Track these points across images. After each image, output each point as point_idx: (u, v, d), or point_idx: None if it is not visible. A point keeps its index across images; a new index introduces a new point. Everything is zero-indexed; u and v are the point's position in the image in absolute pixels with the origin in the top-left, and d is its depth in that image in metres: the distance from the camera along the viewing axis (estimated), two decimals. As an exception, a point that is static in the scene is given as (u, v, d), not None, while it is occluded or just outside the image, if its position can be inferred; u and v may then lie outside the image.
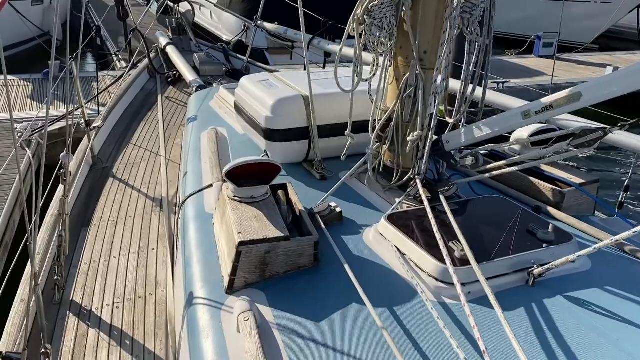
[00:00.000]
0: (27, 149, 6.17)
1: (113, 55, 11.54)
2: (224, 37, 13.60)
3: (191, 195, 2.99)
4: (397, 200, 2.62)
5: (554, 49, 14.17)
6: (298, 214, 2.48)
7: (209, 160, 3.25)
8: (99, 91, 6.82)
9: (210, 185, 3.01)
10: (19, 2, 12.73)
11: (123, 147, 4.60)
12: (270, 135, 3.07)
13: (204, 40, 7.95)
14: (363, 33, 2.53)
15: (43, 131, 6.08)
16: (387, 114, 2.65)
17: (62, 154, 2.59)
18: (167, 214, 3.67)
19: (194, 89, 5.54)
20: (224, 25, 13.88)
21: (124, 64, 10.89)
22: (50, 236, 3.12)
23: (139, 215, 3.61)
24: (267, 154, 3.17)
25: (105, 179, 4.11)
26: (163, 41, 6.86)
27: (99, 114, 6.89)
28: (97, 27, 5.21)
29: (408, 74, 2.54)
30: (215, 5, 11.28)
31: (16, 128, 6.73)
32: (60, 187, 2.78)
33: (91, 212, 3.63)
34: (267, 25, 6.75)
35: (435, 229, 2.14)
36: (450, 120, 2.63)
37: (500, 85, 9.66)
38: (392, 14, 2.46)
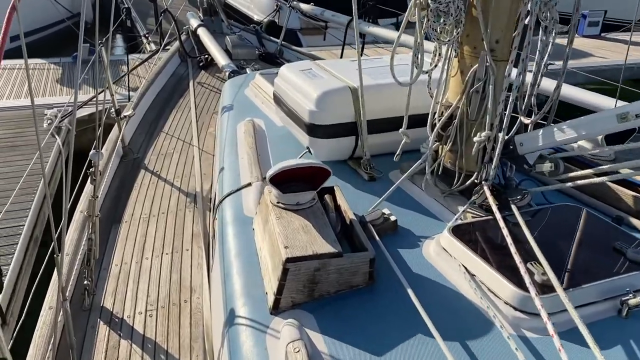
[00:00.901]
0: (56, 136, 6.04)
1: (143, 38, 11.36)
2: (255, 17, 13.30)
3: (229, 194, 2.76)
4: (460, 208, 2.33)
5: (599, 27, 13.47)
6: (348, 223, 2.22)
7: (246, 156, 3.01)
8: (129, 71, 6.62)
9: (249, 184, 2.77)
10: (49, -17, 12.62)
11: (154, 137, 4.40)
12: (314, 130, 2.81)
13: (234, 20, 7.66)
14: (425, 19, 2.23)
15: (71, 118, 5.91)
16: (449, 110, 2.36)
17: (91, 152, 2.37)
18: (202, 211, 3.46)
19: (227, 74, 5.30)
20: (255, 4, 13.57)
21: (153, 46, 10.70)
22: (80, 236, 2.94)
23: (172, 212, 3.41)
24: (309, 151, 2.91)
25: (136, 171, 3.92)
26: (194, 23, 6.61)
27: (129, 99, 6.73)
28: (127, 9, 4.99)
29: (476, 65, 2.23)
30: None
31: (45, 114, 6.62)
32: (90, 187, 2.59)
33: (122, 208, 3.44)
34: (303, 5, 6.44)
35: (511, 247, 1.86)
36: (528, 121, 2.31)
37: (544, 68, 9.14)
38: (460, -3, 2.15)
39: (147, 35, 11.58)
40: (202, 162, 4.02)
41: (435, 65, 2.37)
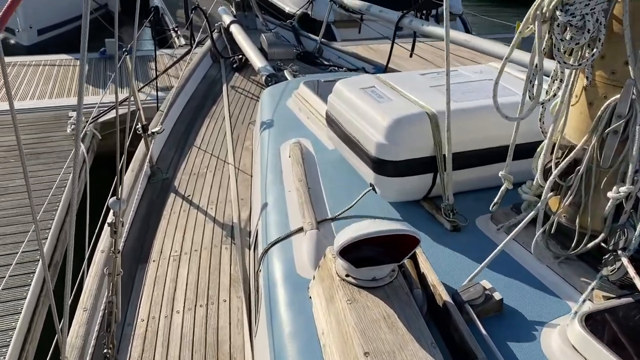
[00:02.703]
0: (80, 143, 5.63)
1: (172, 31, 10.90)
2: (287, 9, 12.74)
3: (276, 242, 2.27)
4: (584, 281, 1.79)
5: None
6: (439, 303, 1.71)
7: (295, 192, 2.51)
8: (157, 76, 6.17)
9: (300, 229, 2.27)
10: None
11: (185, 152, 3.92)
12: (382, 167, 2.28)
13: (264, 12, 7.09)
14: (548, 34, 1.68)
15: (95, 124, 5.42)
16: (572, 153, 1.80)
17: (110, 200, 1.90)
18: (240, 247, 2.98)
19: (264, 77, 4.80)
20: None
21: (182, 41, 10.24)
22: (100, 284, 2.49)
23: (206, 248, 2.94)
24: (373, 188, 2.38)
25: (165, 195, 3.46)
26: (227, 19, 6.11)
27: (157, 101, 6.28)
28: (155, 8, 4.52)
29: (615, 97, 1.67)
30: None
31: (70, 117, 6.22)
32: (109, 241, 2.14)
33: (149, 243, 2.98)
34: (346, 0, 5.87)
35: None
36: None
37: None
38: (602, 7, 1.59)
39: (176, 28, 11.12)
40: (238, 183, 3.53)
41: (554, 95, 1.82)
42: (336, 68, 5.69)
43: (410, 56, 5.74)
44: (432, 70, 2.81)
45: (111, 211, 1.98)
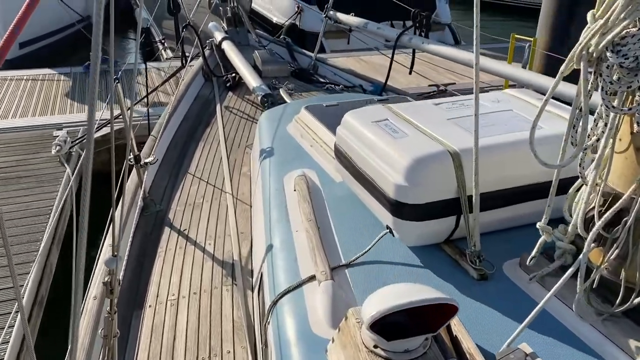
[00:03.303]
0: (65, 164, 5.38)
1: (159, 44, 10.67)
2: (274, 20, 12.60)
3: (286, 293, 2.08)
4: (633, 344, 1.62)
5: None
6: None
7: (305, 234, 2.33)
8: (148, 93, 5.95)
9: (312, 278, 2.09)
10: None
11: (179, 180, 3.71)
12: (402, 210, 2.10)
13: (253, 23, 6.88)
14: (594, 74, 1.53)
15: (84, 143, 5.19)
16: (618, 202, 1.64)
17: (106, 259, 1.70)
18: (242, 290, 2.77)
19: (259, 97, 4.61)
20: (275, 6, 12.83)
21: (170, 53, 10.03)
22: (90, 345, 2.27)
23: (206, 291, 2.73)
24: (391, 231, 2.21)
25: (159, 229, 3.24)
26: (218, 36, 5.91)
27: (148, 118, 6.05)
28: (146, 29, 4.29)
29: (668, 144, 1.52)
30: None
31: (55, 136, 5.94)
32: (105, 302, 1.93)
33: (144, 285, 2.77)
34: (341, 16, 5.71)
35: None
36: None
37: None
38: (659, 46, 1.43)
39: (163, 40, 10.90)
40: (237, 215, 3.33)
41: (598, 140, 1.66)
42: (333, 86, 5.53)
43: (410, 73, 5.59)
44: (446, 99, 2.65)
45: (105, 268, 1.78)
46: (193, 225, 3.27)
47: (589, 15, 1.48)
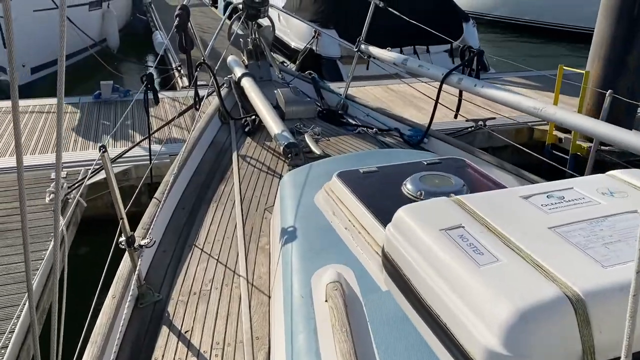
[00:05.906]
0: (59, 215, 4.72)
1: (174, 71, 10.13)
2: (292, 44, 12.08)
3: None
4: None
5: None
6: None
7: (341, 356, 1.63)
8: (150, 133, 5.32)
9: None
10: (76, 7, 11.55)
11: (184, 258, 3.00)
12: None
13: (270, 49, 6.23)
14: None
15: (80, 189, 4.52)
16: None
17: None
18: None
19: (282, 147, 3.93)
20: (293, 30, 12.30)
21: (186, 81, 9.47)
22: None
23: None
24: None
25: (156, 326, 2.54)
26: (238, 72, 5.26)
27: (150, 159, 5.40)
28: (149, 75, 3.70)
29: None
30: (291, 15, 9.64)
31: (52, 180, 5.31)
32: None
33: None
34: (375, 50, 5.04)
35: None
36: None
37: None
38: None
39: (179, 67, 10.37)
40: (252, 310, 2.61)
41: None
42: (365, 129, 4.84)
43: (455, 117, 4.89)
44: (536, 189, 1.91)
45: None
46: (197, 323, 2.55)
47: None
